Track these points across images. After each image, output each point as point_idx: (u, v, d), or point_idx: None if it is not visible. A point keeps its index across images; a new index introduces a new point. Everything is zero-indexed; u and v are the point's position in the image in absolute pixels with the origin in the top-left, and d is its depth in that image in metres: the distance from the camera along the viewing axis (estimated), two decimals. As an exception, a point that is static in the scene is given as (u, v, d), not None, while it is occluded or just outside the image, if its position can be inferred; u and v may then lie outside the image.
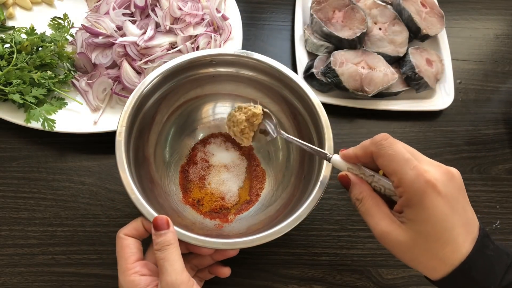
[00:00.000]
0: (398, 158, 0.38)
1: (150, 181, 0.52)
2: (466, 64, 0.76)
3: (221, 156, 0.60)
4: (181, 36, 0.64)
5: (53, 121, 0.59)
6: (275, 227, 0.43)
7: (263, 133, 0.53)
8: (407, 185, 0.37)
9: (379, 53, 0.68)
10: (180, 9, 0.64)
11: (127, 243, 0.44)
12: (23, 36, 0.63)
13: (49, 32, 0.66)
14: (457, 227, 0.37)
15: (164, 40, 0.64)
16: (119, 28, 0.65)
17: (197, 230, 0.47)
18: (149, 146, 0.55)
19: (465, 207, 0.39)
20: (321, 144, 0.49)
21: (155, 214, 0.43)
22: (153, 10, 0.66)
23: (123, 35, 0.64)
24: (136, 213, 0.58)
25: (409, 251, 0.38)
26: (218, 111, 0.62)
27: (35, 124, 0.59)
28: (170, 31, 0.65)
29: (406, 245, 0.38)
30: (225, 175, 0.58)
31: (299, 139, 0.56)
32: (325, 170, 0.47)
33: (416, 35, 0.71)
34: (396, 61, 0.70)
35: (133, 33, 0.63)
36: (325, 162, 0.47)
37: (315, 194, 0.45)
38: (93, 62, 0.64)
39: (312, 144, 0.53)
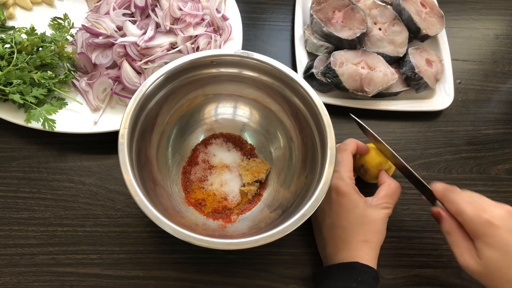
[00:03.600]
0: (460, 202, 0.47)
1: (153, 182, 0.52)
2: (466, 64, 0.76)
3: (223, 156, 0.60)
4: (181, 37, 0.64)
5: (53, 121, 0.59)
6: (278, 227, 0.43)
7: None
8: (468, 221, 0.46)
9: (379, 53, 0.68)
10: (180, 9, 0.64)
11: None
12: (23, 36, 0.63)
13: (49, 32, 0.66)
14: None
15: (164, 41, 0.64)
16: (119, 28, 0.65)
17: (200, 231, 0.47)
18: (151, 147, 0.55)
19: None
20: (323, 144, 0.49)
21: (159, 216, 0.43)
22: (153, 10, 0.66)
23: (123, 35, 0.64)
24: (136, 213, 0.58)
25: (487, 278, 0.45)
26: (220, 111, 0.62)
27: (35, 124, 0.59)
28: (170, 31, 0.65)
29: (484, 274, 0.45)
30: (227, 176, 0.58)
31: (300, 138, 0.57)
32: (328, 169, 0.47)
33: (416, 35, 0.71)
34: (396, 61, 0.70)
35: (133, 33, 0.63)
36: (327, 161, 0.47)
37: (318, 193, 0.45)
38: (93, 62, 0.64)
39: (312, 144, 0.53)
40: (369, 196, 0.53)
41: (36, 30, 0.63)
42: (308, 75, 0.67)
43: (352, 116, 0.57)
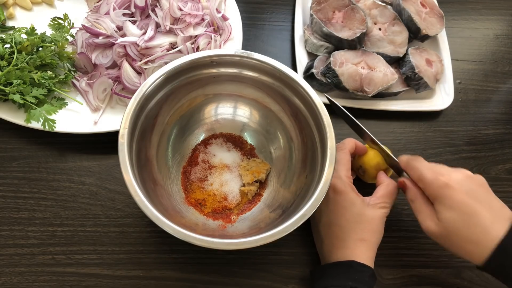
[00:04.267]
0: (420, 169, 0.49)
1: (153, 182, 0.52)
2: (466, 64, 0.77)
3: (223, 156, 0.60)
4: (181, 37, 0.64)
5: (53, 121, 0.59)
6: (279, 227, 0.43)
7: None
8: (427, 185, 0.48)
9: (379, 53, 0.68)
10: (180, 9, 0.64)
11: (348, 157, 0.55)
12: (24, 36, 0.63)
13: (49, 32, 0.65)
14: (481, 212, 0.45)
15: (164, 41, 0.64)
16: (119, 28, 0.65)
17: (200, 231, 0.47)
18: (151, 147, 0.55)
19: (489, 198, 0.47)
20: (323, 144, 0.49)
21: (159, 216, 0.43)
22: (153, 11, 0.66)
23: (123, 35, 0.64)
24: (136, 213, 0.58)
25: (448, 240, 0.47)
26: (220, 111, 0.62)
27: (35, 124, 0.59)
28: (170, 32, 0.65)
29: (444, 235, 0.47)
30: (227, 176, 0.58)
31: (300, 138, 0.57)
32: (328, 169, 0.47)
33: (416, 35, 0.71)
34: (396, 61, 0.70)
35: (133, 33, 0.63)
36: (327, 161, 0.47)
37: (318, 193, 0.45)
38: (93, 62, 0.64)
39: (312, 144, 0.53)
40: (367, 196, 0.53)
41: (36, 30, 0.63)
42: (308, 75, 0.67)
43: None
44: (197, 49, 0.65)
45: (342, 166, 0.53)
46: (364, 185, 0.58)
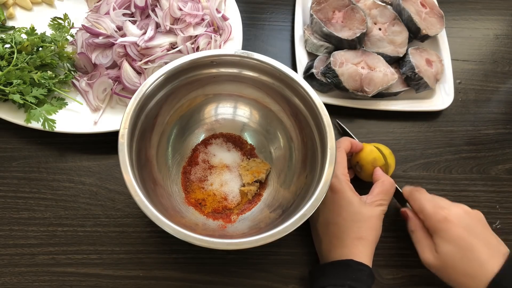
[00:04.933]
0: (421, 201, 0.52)
1: (153, 182, 0.52)
2: (466, 64, 0.76)
3: (223, 156, 0.60)
4: (181, 37, 0.64)
5: (53, 121, 0.59)
6: (279, 227, 0.43)
7: None
8: (427, 217, 0.50)
9: (379, 53, 0.68)
10: (180, 9, 0.64)
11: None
12: (23, 36, 0.63)
13: (49, 32, 0.66)
14: (477, 247, 0.47)
15: (164, 41, 0.64)
16: (119, 28, 0.65)
17: (200, 231, 0.47)
18: (151, 147, 0.55)
19: (486, 234, 0.49)
20: (323, 144, 0.49)
21: (159, 216, 0.43)
22: (153, 11, 0.66)
23: (123, 35, 0.64)
24: (136, 213, 0.58)
25: (445, 272, 0.48)
26: (220, 111, 0.62)
27: (35, 124, 0.59)
28: (170, 32, 0.65)
29: (441, 267, 0.48)
30: (227, 176, 0.58)
31: (300, 138, 0.57)
32: (328, 169, 0.47)
33: (416, 35, 0.71)
34: (396, 61, 0.70)
35: (133, 33, 0.63)
36: (327, 161, 0.47)
37: (318, 193, 0.45)
38: (93, 62, 0.64)
39: (312, 144, 0.53)
40: (364, 195, 0.54)
41: (36, 30, 0.63)
42: (308, 75, 0.67)
43: (339, 122, 0.61)
44: (197, 49, 0.65)
45: (338, 164, 0.54)
46: (362, 185, 0.58)
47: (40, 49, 0.63)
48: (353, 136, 0.61)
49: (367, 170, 0.57)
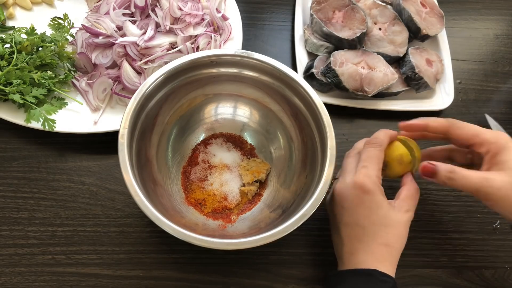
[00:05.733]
0: (474, 126, 0.48)
1: (153, 182, 0.52)
2: (466, 64, 0.76)
3: (223, 156, 0.60)
4: (181, 36, 0.64)
5: (53, 121, 0.59)
6: (279, 227, 0.43)
7: None
8: (490, 141, 0.46)
9: (379, 53, 0.68)
10: (180, 9, 0.64)
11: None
12: (23, 36, 0.63)
13: (49, 32, 0.65)
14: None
15: (164, 40, 0.64)
16: (119, 28, 0.65)
17: (200, 231, 0.47)
18: (151, 147, 0.55)
19: None
20: (323, 144, 0.49)
21: (159, 216, 0.43)
22: (153, 10, 0.66)
23: (123, 35, 0.64)
24: (136, 213, 0.58)
25: (506, 196, 0.44)
26: (220, 111, 0.62)
27: (35, 124, 0.59)
28: (170, 31, 0.65)
29: (504, 189, 0.44)
30: (227, 176, 0.58)
31: (300, 138, 0.57)
32: (328, 169, 0.47)
33: (416, 35, 0.71)
34: (396, 61, 0.70)
35: (133, 33, 0.63)
36: (327, 161, 0.47)
37: (318, 193, 0.45)
38: (93, 62, 0.64)
39: (312, 144, 0.53)
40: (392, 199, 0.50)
41: (36, 30, 0.63)
42: (308, 75, 0.67)
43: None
44: (197, 49, 0.65)
45: (374, 165, 0.48)
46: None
47: (40, 49, 0.63)
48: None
49: (394, 168, 0.52)
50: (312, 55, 0.71)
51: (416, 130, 0.52)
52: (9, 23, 0.69)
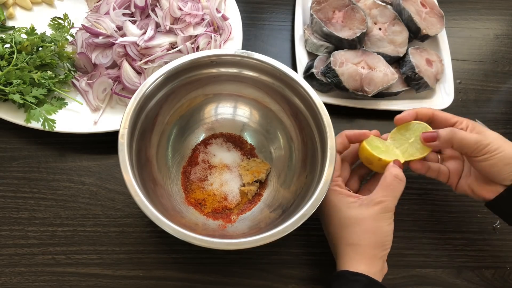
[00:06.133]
0: (451, 114, 0.53)
1: (153, 182, 0.52)
2: (466, 64, 0.77)
3: (223, 156, 0.60)
4: (181, 36, 0.64)
5: (53, 121, 0.59)
6: (278, 227, 0.43)
7: None
8: (464, 119, 0.52)
9: (379, 53, 0.68)
10: (180, 9, 0.64)
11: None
12: (23, 36, 0.63)
13: (49, 32, 0.65)
14: (502, 161, 0.48)
15: (164, 40, 0.64)
16: (119, 28, 0.65)
17: (200, 231, 0.47)
18: (151, 147, 0.55)
19: None
20: (323, 144, 0.49)
21: (159, 216, 0.43)
22: (153, 10, 0.66)
23: (123, 35, 0.64)
24: (136, 213, 0.58)
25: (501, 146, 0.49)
26: (220, 111, 0.62)
27: (35, 124, 0.59)
28: (170, 31, 0.65)
29: (498, 139, 0.49)
30: (227, 176, 0.58)
31: (300, 138, 0.57)
32: (328, 169, 0.47)
33: (416, 35, 0.71)
34: (396, 61, 0.70)
35: (133, 33, 0.63)
36: (327, 161, 0.47)
37: (318, 193, 0.45)
38: (93, 62, 0.64)
39: (312, 144, 0.53)
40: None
41: (36, 30, 0.63)
42: (308, 75, 0.67)
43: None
44: (197, 49, 0.65)
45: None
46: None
47: (40, 49, 0.63)
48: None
49: (371, 167, 0.53)
50: (312, 55, 0.71)
51: (410, 120, 0.54)
52: (9, 23, 0.69)
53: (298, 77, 0.53)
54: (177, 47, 0.64)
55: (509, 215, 0.52)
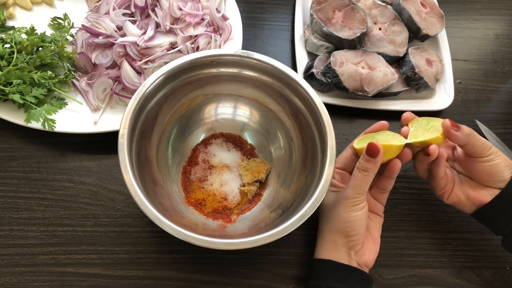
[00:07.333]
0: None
1: (153, 182, 0.52)
2: (466, 64, 0.76)
3: (223, 156, 0.60)
4: (181, 36, 0.64)
5: (53, 121, 0.59)
6: (278, 227, 0.43)
7: None
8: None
9: (379, 53, 0.68)
10: (180, 9, 0.64)
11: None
12: (23, 36, 0.63)
13: (49, 32, 0.66)
14: (503, 163, 0.51)
15: (164, 40, 0.64)
16: (119, 28, 0.65)
17: (200, 231, 0.47)
18: (151, 147, 0.55)
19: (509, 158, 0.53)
20: (323, 144, 0.49)
21: (159, 216, 0.43)
22: (153, 10, 0.66)
23: (123, 35, 0.64)
24: (136, 213, 0.58)
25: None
26: (220, 111, 0.62)
27: (35, 124, 0.59)
28: (170, 31, 0.65)
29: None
30: (227, 176, 0.58)
31: (300, 138, 0.57)
32: (328, 169, 0.47)
33: (416, 35, 0.71)
34: (396, 61, 0.70)
35: (133, 33, 0.63)
36: (327, 161, 0.47)
37: (318, 193, 0.45)
38: (93, 62, 0.64)
39: (312, 144, 0.53)
40: None
41: (36, 30, 0.63)
42: (308, 75, 0.67)
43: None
44: (197, 49, 0.65)
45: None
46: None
47: (40, 49, 0.63)
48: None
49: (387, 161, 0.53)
50: (312, 55, 0.71)
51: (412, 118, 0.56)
52: (9, 23, 0.69)
53: (298, 77, 0.53)
54: (177, 47, 0.64)
55: (504, 218, 0.52)
